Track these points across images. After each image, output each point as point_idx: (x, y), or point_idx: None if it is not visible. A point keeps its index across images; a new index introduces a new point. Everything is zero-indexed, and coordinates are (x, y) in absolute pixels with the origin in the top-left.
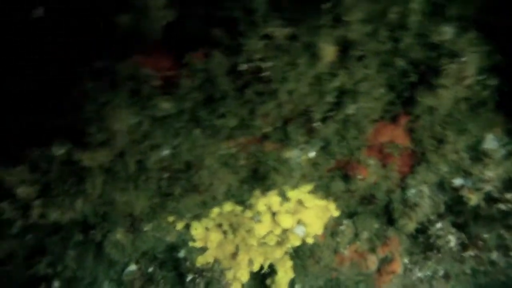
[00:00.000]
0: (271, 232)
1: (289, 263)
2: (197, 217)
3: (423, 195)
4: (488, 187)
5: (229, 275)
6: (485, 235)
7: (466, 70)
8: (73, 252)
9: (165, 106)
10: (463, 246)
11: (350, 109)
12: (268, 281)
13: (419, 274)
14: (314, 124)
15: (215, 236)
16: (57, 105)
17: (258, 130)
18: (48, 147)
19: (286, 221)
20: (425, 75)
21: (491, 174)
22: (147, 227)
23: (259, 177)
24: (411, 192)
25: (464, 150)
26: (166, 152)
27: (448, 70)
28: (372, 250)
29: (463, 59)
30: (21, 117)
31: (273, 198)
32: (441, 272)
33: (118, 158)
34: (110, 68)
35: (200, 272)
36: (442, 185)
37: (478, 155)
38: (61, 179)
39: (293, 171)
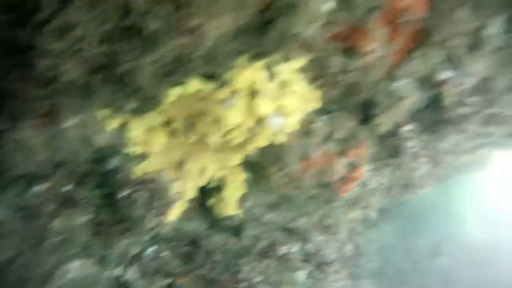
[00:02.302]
0: (242, 124)
1: (242, 176)
2: (141, 109)
3: (410, 88)
4: (467, 84)
5: (175, 188)
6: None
7: None
8: None
9: None
10: (418, 154)
11: None
12: (211, 201)
13: (373, 184)
14: None
15: (160, 138)
16: None
17: None
18: None
19: (265, 106)
20: None
21: (477, 67)
22: (67, 123)
23: (264, 24)
24: (399, 83)
25: (466, 34)
26: None
27: None
28: (342, 153)
29: None
30: None
31: (257, 73)
32: (385, 184)
33: None
34: None
35: (138, 185)
36: (427, 79)
37: (476, 41)
38: None
39: (311, 17)
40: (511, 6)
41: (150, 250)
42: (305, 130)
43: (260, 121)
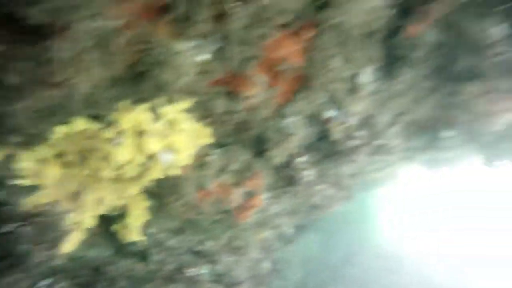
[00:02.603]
0: (132, 160)
1: (144, 204)
2: (28, 143)
3: (298, 125)
4: (351, 121)
5: (70, 219)
6: (331, 171)
7: None
8: None
9: None
10: (314, 182)
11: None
12: (115, 227)
13: (274, 210)
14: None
15: (52, 170)
16: None
17: None
18: None
19: (154, 144)
20: None
21: (357, 108)
22: None
23: (138, 76)
24: (288, 121)
25: (343, 80)
26: None
27: None
28: (238, 184)
29: None
30: None
31: (141, 115)
32: (288, 208)
33: None
34: None
35: (28, 218)
36: (314, 117)
37: (353, 87)
38: None
39: (183, 70)
40: (377, 60)
41: (43, 283)
42: (200, 163)
43: (151, 157)
